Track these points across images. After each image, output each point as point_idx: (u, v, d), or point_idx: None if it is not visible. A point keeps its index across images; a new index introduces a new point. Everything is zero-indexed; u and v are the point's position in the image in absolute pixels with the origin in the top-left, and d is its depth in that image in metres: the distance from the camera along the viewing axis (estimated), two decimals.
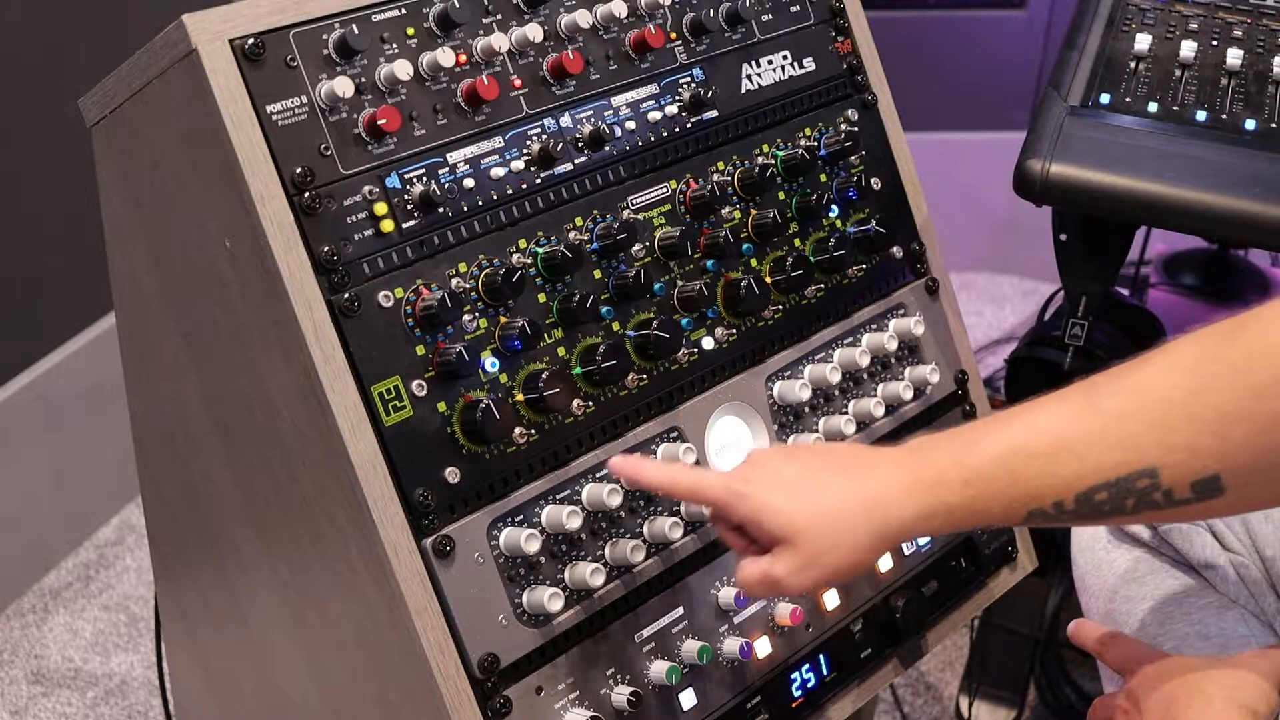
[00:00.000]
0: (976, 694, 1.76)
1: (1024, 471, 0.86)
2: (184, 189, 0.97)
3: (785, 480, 0.92)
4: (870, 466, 0.91)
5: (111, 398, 1.46)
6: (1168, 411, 0.83)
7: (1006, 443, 0.88)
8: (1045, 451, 0.86)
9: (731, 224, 1.12)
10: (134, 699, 1.88)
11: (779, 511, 0.90)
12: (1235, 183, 1.28)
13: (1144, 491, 0.84)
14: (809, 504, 0.90)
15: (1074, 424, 0.86)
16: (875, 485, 0.90)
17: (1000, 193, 1.52)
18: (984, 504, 0.88)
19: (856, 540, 0.89)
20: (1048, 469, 0.86)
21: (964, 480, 0.88)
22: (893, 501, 0.89)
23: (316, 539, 0.99)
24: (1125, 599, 1.10)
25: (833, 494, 0.90)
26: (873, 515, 0.89)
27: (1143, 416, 0.84)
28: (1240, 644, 1.01)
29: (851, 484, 0.90)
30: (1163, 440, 0.83)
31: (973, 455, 0.88)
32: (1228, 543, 1.07)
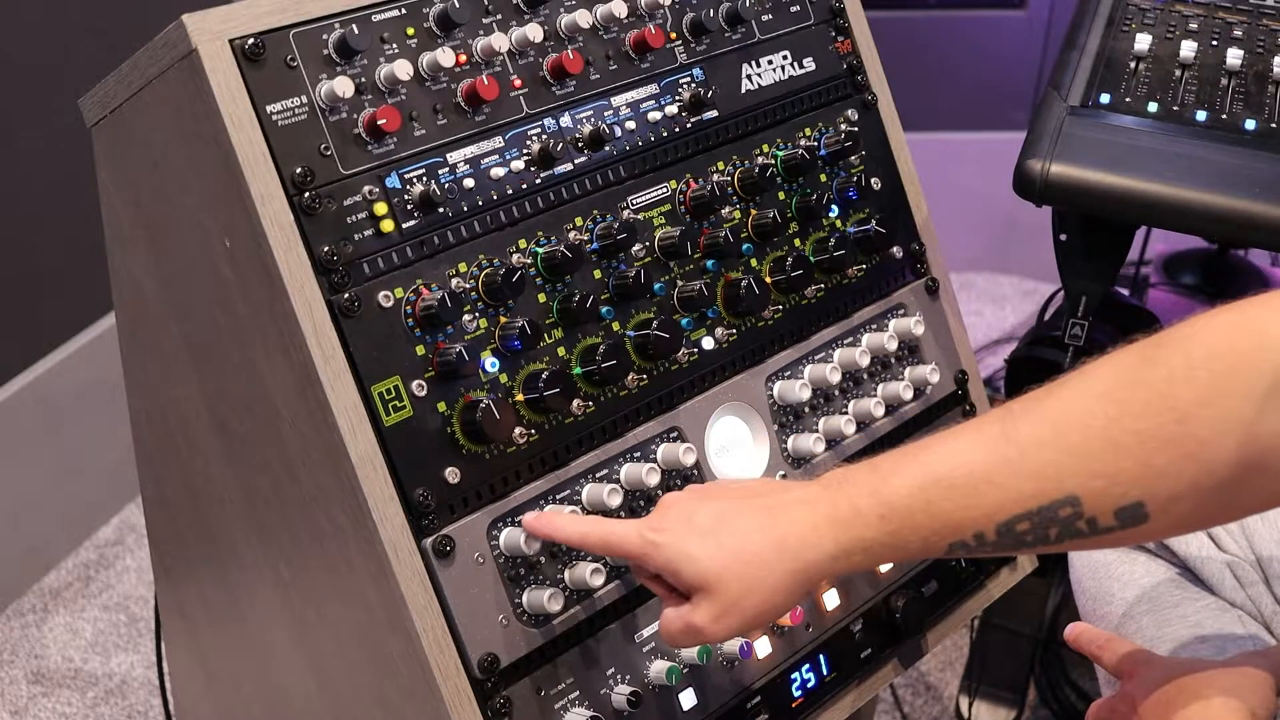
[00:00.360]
0: (976, 694, 1.77)
1: (942, 504, 0.84)
2: (184, 189, 0.97)
3: (699, 527, 0.89)
4: (784, 505, 0.89)
5: (111, 398, 1.46)
6: (1087, 439, 0.81)
7: (923, 474, 0.86)
8: (963, 483, 0.84)
9: (731, 224, 1.12)
10: (134, 699, 1.88)
11: (693, 559, 0.88)
12: (1235, 183, 1.28)
13: (1067, 520, 0.83)
14: (723, 550, 0.88)
15: (991, 453, 0.84)
16: (789, 525, 0.88)
17: (1000, 193, 1.53)
18: (902, 538, 0.86)
19: (774, 583, 0.88)
20: (967, 500, 0.84)
21: (880, 515, 0.86)
22: (807, 542, 0.87)
23: (316, 539, 0.99)
24: (1122, 602, 1.10)
25: (747, 538, 0.88)
26: (788, 556, 0.87)
27: (1061, 445, 0.82)
28: (1238, 645, 1.01)
29: (765, 525, 0.88)
30: (1083, 468, 0.81)
31: (888, 488, 0.86)
32: (1224, 544, 1.07)
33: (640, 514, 1.04)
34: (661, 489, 1.05)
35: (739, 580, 0.87)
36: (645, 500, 1.04)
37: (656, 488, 1.04)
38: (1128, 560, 1.12)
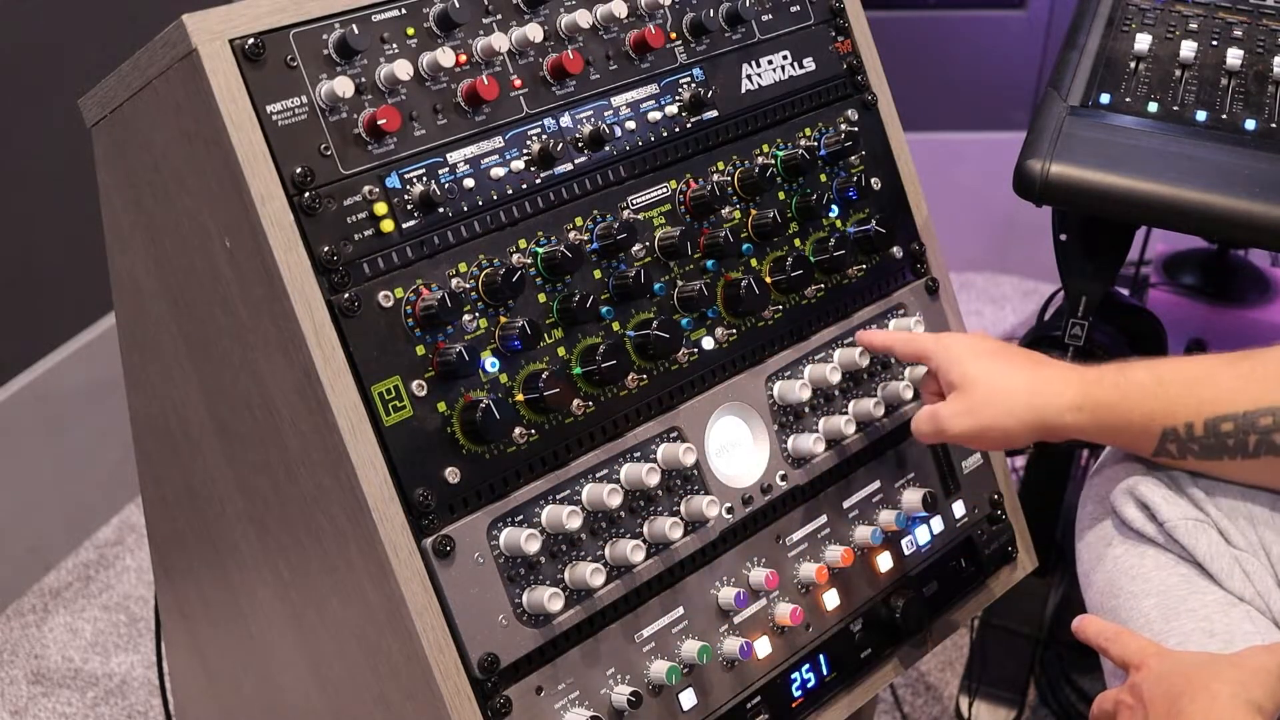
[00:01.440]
0: (976, 694, 1.76)
1: (1169, 383, 1.02)
2: (184, 189, 0.97)
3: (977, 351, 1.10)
4: (1044, 368, 1.08)
5: (111, 398, 1.46)
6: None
7: (1159, 363, 1.05)
8: (1188, 375, 1.03)
9: (731, 224, 1.12)
10: (134, 699, 1.88)
11: (963, 363, 1.08)
12: (1235, 183, 1.28)
13: (1265, 430, 0.99)
14: (987, 370, 1.08)
15: (1218, 363, 1.03)
16: (1046, 375, 1.07)
17: (1000, 193, 1.52)
18: (1127, 407, 1.04)
19: (1013, 405, 1.06)
20: (1188, 389, 1.02)
21: (1115, 382, 1.04)
22: (1053, 390, 1.05)
23: (316, 539, 0.99)
24: (1130, 595, 1.10)
25: (1010, 372, 1.08)
26: (1036, 391, 1.06)
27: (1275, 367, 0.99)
28: (1245, 640, 1.01)
29: (1026, 372, 1.08)
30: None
31: (1130, 369, 1.05)
32: (1233, 539, 1.07)
33: (640, 514, 1.04)
34: (661, 489, 1.05)
35: (989, 392, 1.07)
36: (645, 500, 1.04)
37: (656, 488, 1.04)
38: (1136, 554, 1.11)
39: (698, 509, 1.05)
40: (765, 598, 1.11)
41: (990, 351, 1.10)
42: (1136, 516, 1.10)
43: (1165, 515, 1.08)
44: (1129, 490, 1.11)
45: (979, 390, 1.07)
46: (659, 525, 1.03)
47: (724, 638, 1.08)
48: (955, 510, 1.26)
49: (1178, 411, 1.02)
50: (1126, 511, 1.11)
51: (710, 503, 1.05)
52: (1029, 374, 1.07)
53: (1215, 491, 1.08)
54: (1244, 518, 1.07)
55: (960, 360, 1.09)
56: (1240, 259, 2.14)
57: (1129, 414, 1.04)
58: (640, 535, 1.04)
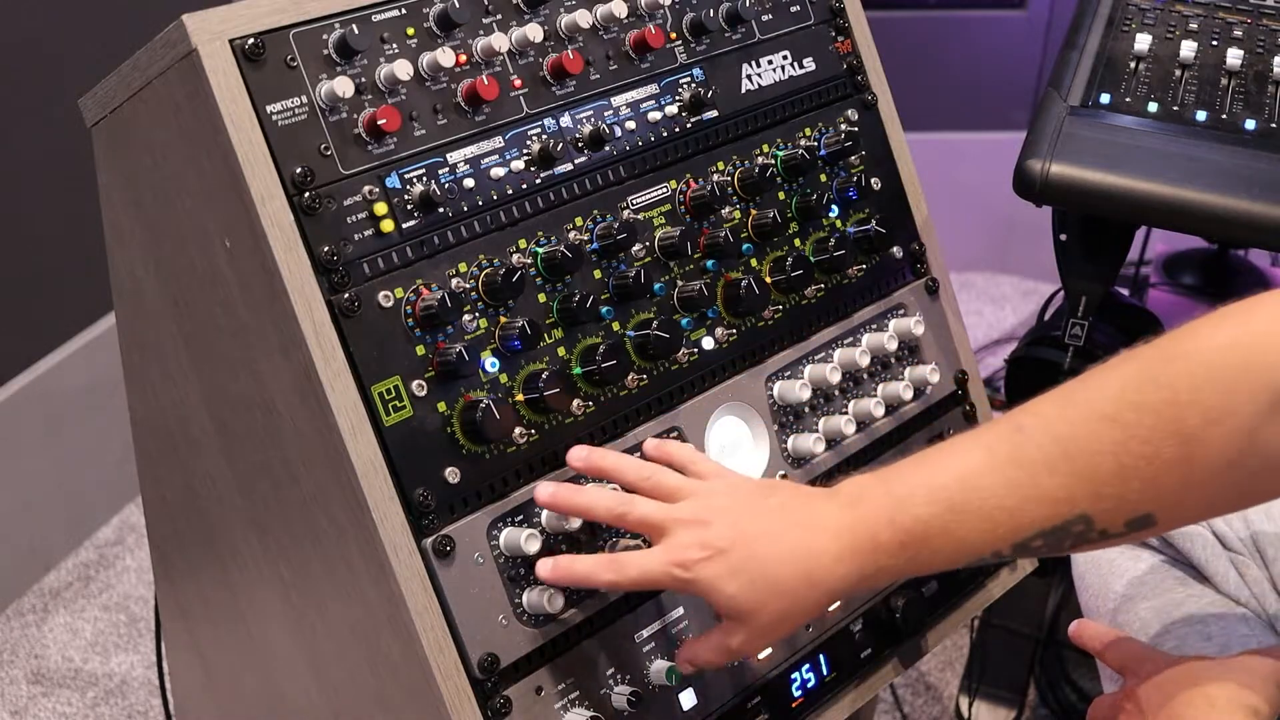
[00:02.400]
0: (976, 694, 1.77)
1: (959, 530, 0.88)
2: (184, 189, 0.97)
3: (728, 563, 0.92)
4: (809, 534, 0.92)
5: (111, 398, 1.46)
6: (1095, 464, 0.84)
7: (938, 501, 0.89)
8: (977, 509, 0.87)
9: (731, 224, 1.12)
10: (134, 699, 1.88)
11: (726, 595, 0.92)
12: (1235, 183, 1.28)
13: (1080, 534, 0.87)
14: (754, 588, 0.91)
15: (1004, 479, 0.87)
16: (815, 558, 0.91)
17: (1000, 193, 1.52)
18: (922, 562, 0.90)
19: (803, 609, 0.93)
20: (982, 526, 0.87)
21: (900, 544, 0.90)
22: (833, 573, 0.91)
23: (316, 539, 0.99)
24: (1125, 599, 1.10)
25: (776, 574, 0.91)
26: (815, 587, 0.91)
27: (1070, 469, 0.85)
28: (1241, 644, 1.01)
29: (792, 560, 0.91)
30: (1093, 491, 0.84)
31: (905, 516, 0.89)
32: (1229, 543, 1.07)
33: None
34: None
35: (771, 612, 0.92)
36: None
37: None
38: (1132, 556, 1.11)
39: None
40: None
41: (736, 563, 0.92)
42: None
43: None
44: None
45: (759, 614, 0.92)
46: None
47: None
48: None
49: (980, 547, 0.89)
50: None
51: None
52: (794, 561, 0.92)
53: None
54: (1239, 520, 1.07)
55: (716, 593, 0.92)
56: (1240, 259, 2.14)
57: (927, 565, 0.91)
58: (640, 535, 1.04)
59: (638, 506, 0.95)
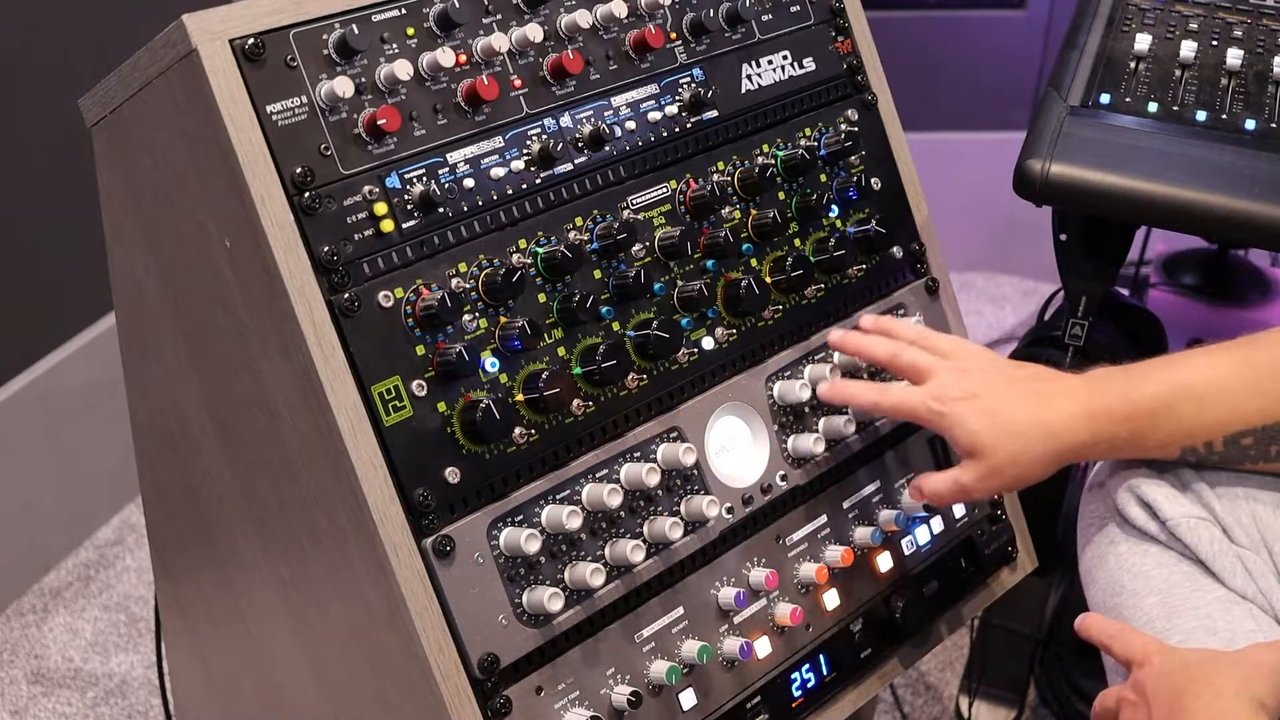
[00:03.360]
0: (976, 694, 1.76)
1: (1181, 410, 1.00)
2: (184, 189, 0.97)
3: (977, 405, 1.04)
4: (1049, 394, 1.05)
5: (111, 398, 1.46)
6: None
7: (1169, 383, 1.01)
8: (1202, 395, 1.00)
9: (731, 224, 1.12)
10: (134, 699, 1.88)
11: (970, 430, 1.04)
12: (1235, 183, 1.28)
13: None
14: (996, 426, 1.03)
15: (1231, 372, 0.99)
16: (1052, 413, 1.03)
17: (1000, 193, 1.52)
18: (1142, 436, 1.02)
19: (1033, 458, 1.03)
20: (1202, 411, 0.99)
21: (1126, 416, 1.02)
22: (1067, 429, 1.03)
23: (316, 539, 0.99)
24: (1131, 593, 1.10)
25: (1015, 417, 1.03)
26: (1050, 439, 1.03)
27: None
28: (1248, 638, 1.01)
29: (1032, 409, 1.03)
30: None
31: (1137, 393, 1.02)
32: (1235, 537, 1.07)
33: (640, 514, 1.04)
34: (661, 489, 1.05)
35: (1006, 452, 1.03)
36: (645, 500, 1.04)
37: (656, 488, 1.04)
38: (1138, 551, 1.11)
39: (698, 509, 1.05)
40: (765, 598, 1.11)
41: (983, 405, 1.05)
42: (1139, 515, 1.10)
43: (1167, 513, 1.08)
44: (1131, 489, 1.11)
45: (994, 452, 1.04)
46: (659, 525, 1.03)
47: (724, 638, 1.08)
48: (955, 510, 1.26)
49: (1195, 433, 1.01)
50: (1129, 510, 1.11)
51: (710, 503, 1.05)
52: (1035, 414, 1.04)
53: (1218, 488, 1.08)
54: (1247, 515, 1.07)
55: (961, 429, 1.04)
56: (1240, 259, 2.14)
57: (1143, 442, 1.03)
58: (640, 535, 1.04)
59: (908, 352, 1.09)
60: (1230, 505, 1.07)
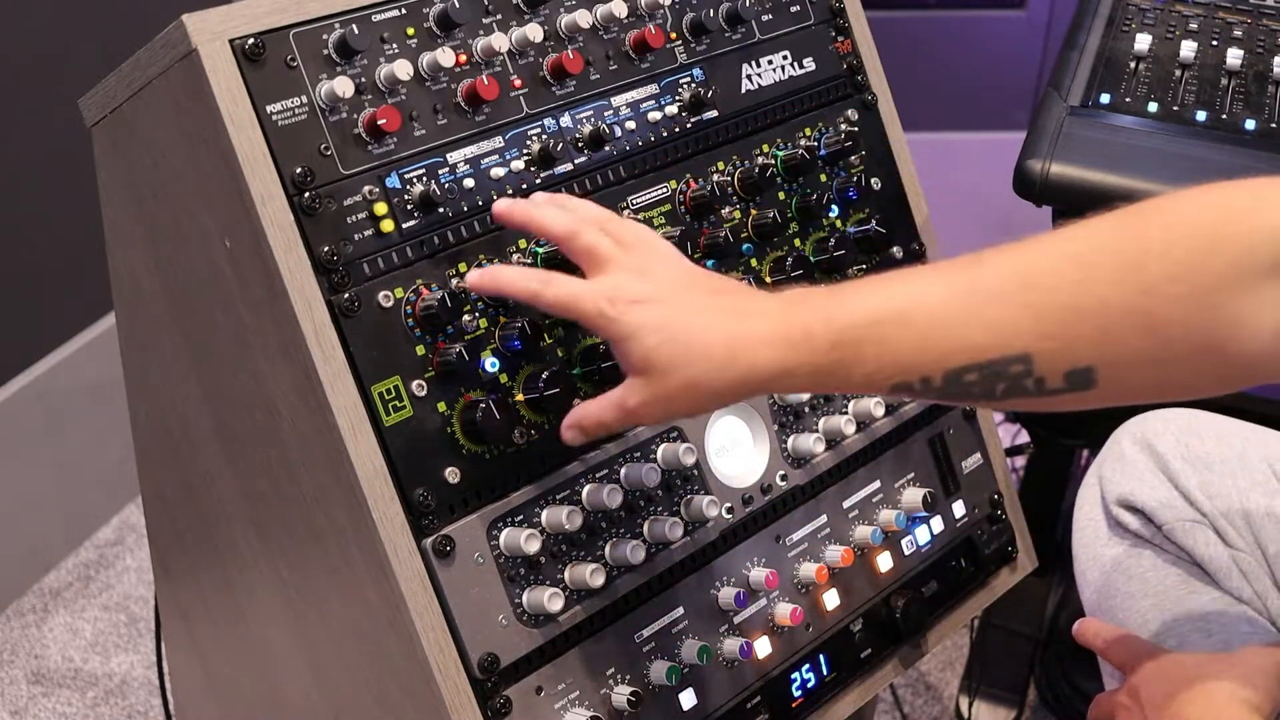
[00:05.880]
0: (976, 694, 1.77)
1: (894, 341, 0.83)
2: (184, 189, 0.97)
3: (656, 314, 0.89)
4: (742, 313, 0.88)
5: (111, 398, 1.46)
6: (1048, 299, 0.80)
7: (880, 308, 0.84)
8: (918, 323, 0.83)
9: (731, 224, 1.12)
10: (134, 699, 1.88)
11: (644, 345, 0.88)
12: None
13: (1016, 377, 0.82)
14: (675, 343, 0.88)
15: (952, 298, 0.83)
16: (744, 334, 0.87)
17: (1000, 193, 1.52)
18: (847, 369, 0.85)
19: (716, 387, 0.88)
20: (919, 342, 0.83)
21: (831, 343, 0.85)
22: (758, 355, 0.86)
23: (316, 539, 0.99)
24: (1127, 595, 1.10)
25: (701, 337, 0.88)
26: (735, 365, 0.87)
27: (1021, 301, 0.81)
28: (1243, 640, 1.02)
29: (721, 329, 0.88)
30: (1039, 328, 0.81)
31: (844, 316, 0.85)
32: (1230, 539, 1.07)
33: (640, 514, 1.04)
34: (661, 489, 1.05)
35: (684, 376, 0.87)
36: (645, 500, 1.04)
37: (656, 487, 1.04)
38: (1133, 554, 1.12)
39: (698, 509, 1.05)
40: (765, 598, 1.11)
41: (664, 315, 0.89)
42: (1132, 519, 1.10)
43: (1163, 518, 1.08)
44: (1125, 492, 1.11)
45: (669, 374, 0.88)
46: (659, 525, 1.03)
47: (724, 638, 1.08)
48: (955, 510, 1.26)
49: (910, 368, 0.84)
50: (1123, 514, 1.11)
51: (710, 503, 1.05)
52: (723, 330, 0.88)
53: (1212, 491, 1.08)
54: (1241, 518, 1.07)
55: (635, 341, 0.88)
56: None
57: (849, 375, 0.85)
58: (640, 535, 1.04)
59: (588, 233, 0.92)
60: (1224, 507, 1.07)
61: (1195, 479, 1.09)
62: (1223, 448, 1.11)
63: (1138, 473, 1.11)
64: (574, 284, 0.91)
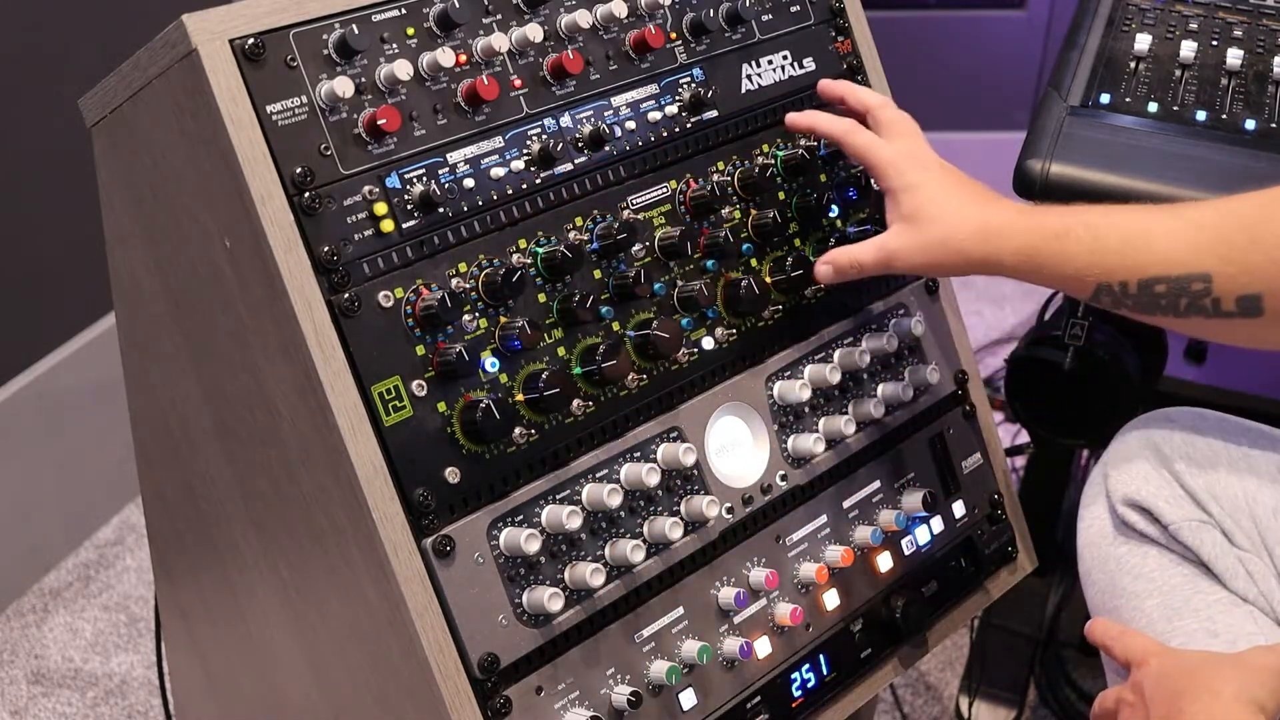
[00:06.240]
0: (976, 694, 1.76)
1: (1108, 240, 1.01)
2: (184, 189, 0.97)
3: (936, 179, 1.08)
4: (993, 198, 1.08)
5: (111, 398, 1.46)
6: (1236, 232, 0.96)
7: (1104, 216, 1.03)
8: (1128, 231, 1.01)
9: (731, 224, 1.12)
10: (134, 699, 1.88)
11: (926, 197, 1.07)
12: (1235, 183, 1.28)
13: (1197, 295, 0.98)
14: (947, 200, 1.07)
15: (1158, 219, 1.01)
16: (993, 214, 1.06)
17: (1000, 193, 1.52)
18: (1064, 260, 1.02)
19: (968, 250, 1.05)
20: (1125, 246, 1.00)
21: (1056, 232, 1.03)
22: (1002, 233, 1.05)
23: (316, 539, 0.99)
24: (1132, 595, 1.10)
25: (962, 207, 1.06)
26: (986, 237, 1.05)
27: (1213, 230, 0.97)
28: (1248, 640, 1.01)
29: (977, 207, 1.07)
30: (1222, 254, 0.96)
31: (1073, 215, 1.04)
32: (1236, 540, 1.07)
33: (640, 514, 1.04)
34: (661, 489, 1.05)
35: (944, 227, 1.06)
36: (645, 500, 1.04)
37: (656, 488, 1.04)
38: (1138, 554, 1.11)
39: (698, 509, 1.05)
40: (765, 598, 1.11)
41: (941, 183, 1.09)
42: (1138, 518, 1.10)
43: (1169, 518, 1.08)
44: (1132, 491, 1.11)
45: (935, 228, 1.07)
46: (659, 525, 1.03)
47: (724, 638, 1.08)
48: (955, 510, 1.26)
49: (1114, 270, 1.01)
50: (1129, 513, 1.11)
51: (710, 503, 1.05)
52: (978, 210, 1.07)
53: (1218, 491, 1.08)
54: (1247, 518, 1.07)
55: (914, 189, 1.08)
56: None
57: (1065, 267, 1.03)
58: (640, 535, 1.04)
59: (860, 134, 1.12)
60: (1230, 507, 1.07)
61: (1201, 479, 1.09)
62: (1229, 448, 1.11)
63: (1144, 472, 1.11)
64: (875, 137, 1.11)
